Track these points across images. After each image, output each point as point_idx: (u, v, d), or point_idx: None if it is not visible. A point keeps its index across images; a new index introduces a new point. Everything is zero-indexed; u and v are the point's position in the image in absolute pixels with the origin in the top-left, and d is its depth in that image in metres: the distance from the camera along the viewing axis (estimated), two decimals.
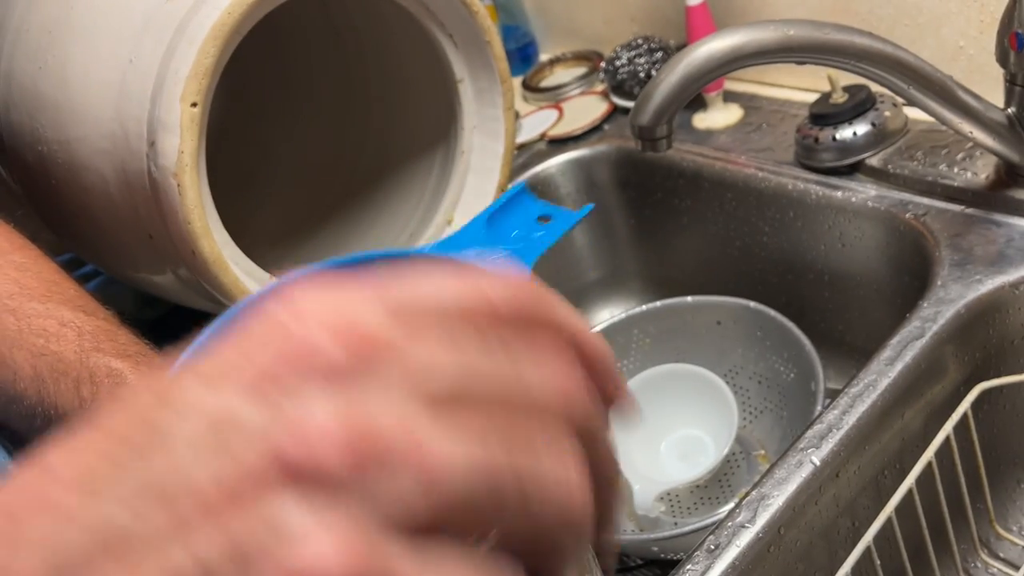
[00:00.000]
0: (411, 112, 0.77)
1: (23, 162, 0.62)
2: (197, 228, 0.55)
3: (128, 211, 0.58)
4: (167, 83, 0.54)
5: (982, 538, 0.59)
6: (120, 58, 0.56)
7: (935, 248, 0.62)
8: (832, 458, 0.51)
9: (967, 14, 0.70)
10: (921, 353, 0.55)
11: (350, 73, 0.82)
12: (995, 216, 0.63)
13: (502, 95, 0.70)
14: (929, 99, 0.57)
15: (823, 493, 0.51)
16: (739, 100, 0.87)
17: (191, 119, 0.53)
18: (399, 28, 0.71)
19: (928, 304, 0.58)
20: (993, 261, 0.59)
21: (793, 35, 0.54)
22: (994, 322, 0.59)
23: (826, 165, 0.72)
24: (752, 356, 0.77)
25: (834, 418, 0.52)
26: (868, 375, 0.54)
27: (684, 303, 0.79)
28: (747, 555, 0.48)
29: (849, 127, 0.71)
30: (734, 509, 0.49)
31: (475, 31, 0.67)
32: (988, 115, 0.59)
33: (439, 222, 0.72)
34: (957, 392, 0.56)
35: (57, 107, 0.58)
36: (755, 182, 0.77)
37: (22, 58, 0.60)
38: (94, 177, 0.58)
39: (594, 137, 0.91)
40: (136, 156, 0.55)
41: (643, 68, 0.90)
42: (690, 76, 0.54)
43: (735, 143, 0.82)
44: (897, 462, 0.55)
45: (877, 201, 0.69)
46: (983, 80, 0.63)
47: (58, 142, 0.58)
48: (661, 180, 0.86)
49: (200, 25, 0.54)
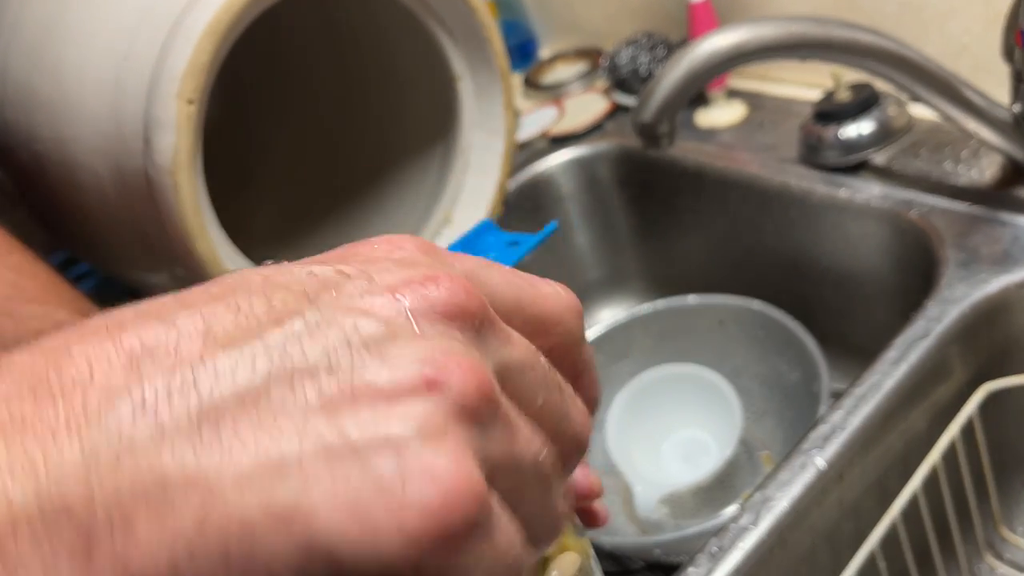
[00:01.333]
0: (410, 109, 0.77)
1: (17, 160, 0.62)
2: (193, 227, 0.54)
3: (123, 210, 0.58)
4: (163, 80, 0.53)
5: (988, 540, 0.59)
6: (115, 55, 0.55)
7: (940, 247, 0.62)
8: (836, 460, 0.50)
9: (972, 11, 0.69)
10: (926, 353, 0.54)
11: (348, 70, 0.81)
12: (1001, 215, 0.62)
13: (502, 92, 0.69)
14: (934, 97, 0.57)
15: (827, 495, 0.50)
16: (742, 97, 0.86)
17: (187, 117, 0.53)
18: (397, 24, 0.70)
19: (933, 304, 0.57)
20: (999, 260, 0.59)
21: (797, 31, 0.53)
22: (1000, 322, 0.58)
23: (830, 163, 0.72)
24: (755, 356, 0.76)
25: (838, 419, 0.52)
26: (872, 376, 0.54)
27: (686, 303, 0.79)
28: (750, 558, 0.47)
29: (853, 125, 0.70)
30: (738, 511, 0.49)
31: (474, 27, 0.66)
32: (993, 113, 0.59)
33: (438, 220, 0.72)
34: (962, 393, 0.56)
35: (52, 105, 0.57)
36: (758, 180, 0.77)
37: (16, 55, 0.59)
38: (89, 175, 0.57)
39: (595, 135, 0.91)
40: (131, 154, 0.55)
41: (645, 65, 0.90)
42: (693, 73, 0.54)
43: (738, 141, 0.81)
44: (902, 464, 0.54)
45: (882, 199, 0.68)
46: (988, 77, 0.63)
47: (53, 140, 0.58)
48: (663, 178, 0.85)
49: (196, 21, 0.53)
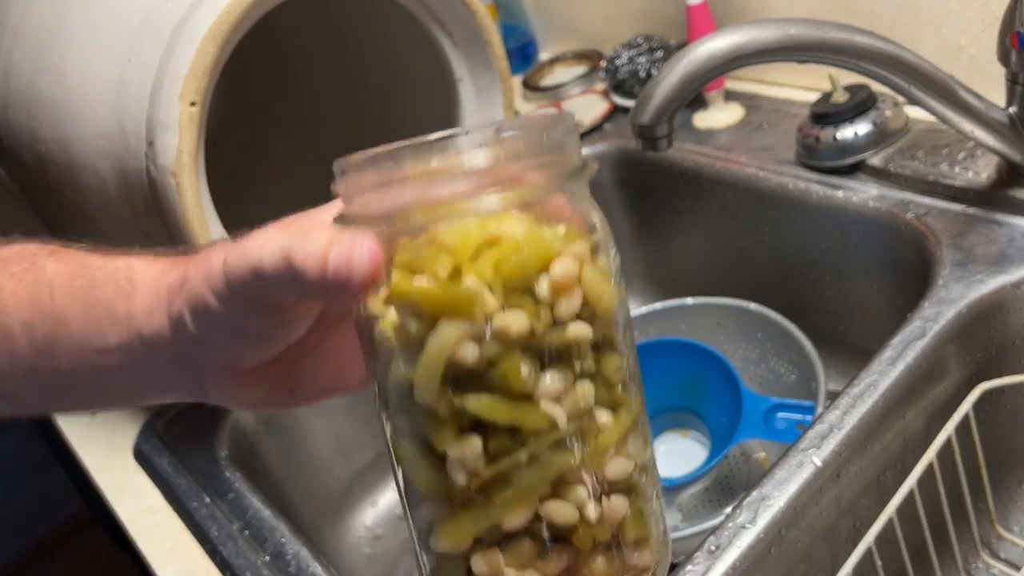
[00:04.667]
0: (410, 111, 0.77)
1: (21, 161, 0.62)
2: (195, 227, 0.55)
3: (126, 210, 0.58)
4: (166, 82, 0.54)
5: (983, 538, 0.59)
6: (119, 57, 0.56)
7: (936, 248, 0.62)
8: (833, 459, 0.51)
9: (968, 13, 0.69)
10: (922, 353, 0.55)
11: (350, 72, 0.82)
12: (996, 216, 0.63)
13: (502, 94, 0.70)
14: (930, 98, 0.57)
15: (824, 494, 0.51)
16: (740, 99, 0.86)
17: (190, 118, 0.53)
18: (399, 27, 0.71)
19: (929, 304, 0.57)
20: (994, 261, 0.59)
21: (794, 34, 0.54)
22: (995, 322, 0.58)
23: (827, 164, 0.72)
24: (753, 358, 0.77)
25: (835, 418, 0.52)
26: (869, 375, 0.54)
27: (684, 304, 0.79)
28: (748, 556, 0.47)
29: (850, 126, 0.71)
30: (734, 510, 0.49)
31: (475, 30, 0.67)
32: (989, 114, 0.59)
33: None
34: (958, 392, 0.56)
35: (55, 106, 0.58)
36: (756, 182, 0.77)
37: (20, 57, 0.60)
38: (92, 176, 0.58)
39: (594, 136, 0.91)
40: (135, 155, 0.55)
41: (643, 67, 0.90)
42: (691, 75, 0.54)
43: (736, 142, 0.81)
44: (898, 462, 0.55)
45: (878, 201, 0.68)
46: (984, 79, 0.63)
47: (56, 141, 0.58)
48: (661, 180, 0.86)
49: (199, 24, 0.54)
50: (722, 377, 0.71)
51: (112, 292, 0.37)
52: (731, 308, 0.77)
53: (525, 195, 0.28)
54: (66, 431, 0.75)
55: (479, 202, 0.27)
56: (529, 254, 0.27)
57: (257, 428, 0.73)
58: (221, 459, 0.67)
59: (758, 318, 0.74)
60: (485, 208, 0.27)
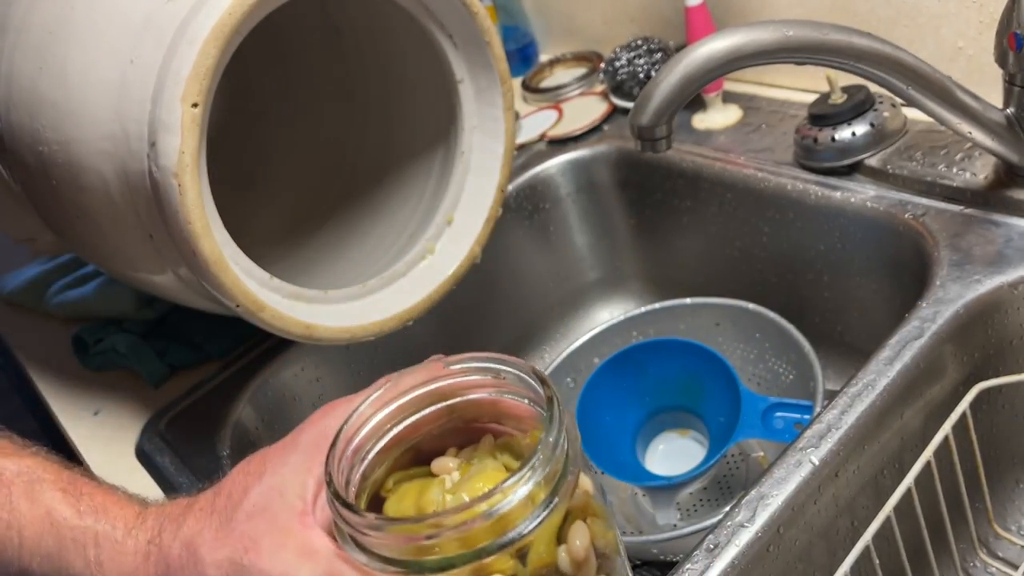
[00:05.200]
0: (411, 112, 0.77)
1: (23, 163, 0.62)
2: (197, 228, 0.55)
3: (129, 211, 0.58)
4: (168, 83, 0.54)
5: (981, 537, 0.59)
6: (120, 58, 0.56)
7: (934, 248, 0.62)
8: (831, 458, 0.51)
9: (966, 15, 0.70)
10: (920, 353, 0.55)
11: (350, 73, 0.82)
12: (994, 216, 0.63)
13: (502, 95, 0.70)
14: (928, 99, 0.57)
15: (822, 493, 0.51)
16: (738, 100, 0.87)
17: (192, 119, 0.53)
18: (399, 28, 0.71)
19: (927, 304, 0.58)
20: (992, 261, 0.59)
21: (792, 35, 0.54)
22: (993, 322, 0.59)
23: (825, 165, 0.72)
24: (751, 358, 0.77)
25: (833, 418, 0.52)
26: (867, 375, 0.54)
27: (683, 305, 0.79)
28: (746, 554, 0.48)
29: (848, 127, 0.71)
30: (733, 508, 0.49)
31: (475, 31, 0.67)
32: (987, 115, 0.59)
33: (439, 222, 0.72)
34: (956, 392, 0.56)
35: (57, 107, 0.58)
36: (754, 182, 0.77)
37: (22, 58, 0.60)
38: (94, 178, 0.58)
39: (594, 137, 0.91)
40: (136, 156, 0.55)
41: (643, 69, 0.90)
42: (689, 76, 0.54)
43: (734, 143, 0.82)
44: (896, 462, 0.55)
45: (876, 201, 0.69)
46: (982, 80, 0.64)
47: (58, 143, 0.58)
48: (660, 181, 0.86)
49: (201, 25, 0.54)
50: (721, 377, 0.71)
51: (80, 567, 0.40)
52: (730, 308, 0.77)
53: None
54: (69, 430, 0.75)
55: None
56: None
57: (259, 428, 0.73)
58: (223, 458, 0.67)
59: (757, 318, 0.74)
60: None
